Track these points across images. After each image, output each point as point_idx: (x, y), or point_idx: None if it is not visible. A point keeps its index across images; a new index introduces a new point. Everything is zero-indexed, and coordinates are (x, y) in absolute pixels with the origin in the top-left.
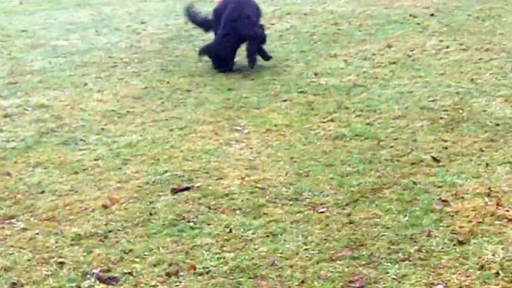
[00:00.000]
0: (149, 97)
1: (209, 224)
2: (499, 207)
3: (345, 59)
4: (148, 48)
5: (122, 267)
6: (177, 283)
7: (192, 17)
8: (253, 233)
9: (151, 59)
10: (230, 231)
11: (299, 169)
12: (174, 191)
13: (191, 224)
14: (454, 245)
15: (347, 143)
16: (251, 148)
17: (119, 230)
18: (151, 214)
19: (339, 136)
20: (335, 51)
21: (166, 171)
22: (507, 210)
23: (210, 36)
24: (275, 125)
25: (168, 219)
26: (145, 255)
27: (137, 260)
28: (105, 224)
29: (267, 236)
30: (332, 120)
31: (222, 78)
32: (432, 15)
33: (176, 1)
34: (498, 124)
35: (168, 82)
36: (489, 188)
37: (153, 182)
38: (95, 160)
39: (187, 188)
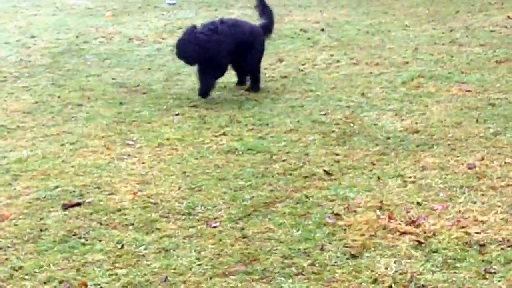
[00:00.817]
0: (40, 112)
1: (100, 240)
2: (391, 220)
3: None
4: (39, 62)
5: (12, 285)
6: None
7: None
8: (146, 249)
9: (42, 73)
10: (122, 247)
11: (191, 184)
12: (65, 207)
13: (83, 240)
14: (347, 258)
15: (240, 157)
16: (143, 163)
17: (8, 247)
18: (41, 230)
19: (231, 150)
20: None
21: (57, 187)
22: (399, 223)
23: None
24: (167, 139)
25: (59, 235)
26: (35, 272)
27: (27, 277)
28: None
29: (160, 251)
30: (224, 134)
31: (113, 93)
32: (322, 30)
33: (67, 15)
34: (388, 138)
35: (58, 97)
36: (381, 202)
37: (44, 197)
38: None
39: (78, 204)
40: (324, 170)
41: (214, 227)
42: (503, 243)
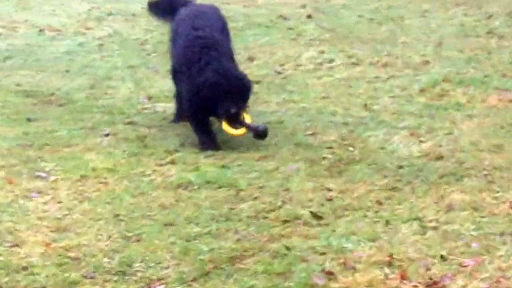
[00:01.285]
0: None
1: None
2: (405, 281)
3: None
4: None
5: None
6: None
7: None
8: None
9: None
10: None
11: (127, 231)
12: None
13: None
14: None
15: (195, 194)
16: (59, 202)
17: None
18: None
19: (183, 183)
20: None
21: None
22: (415, 286)
23: None
24: (94, 170)
25: None
26: None
27: None
28: None
29: None
30: (173, 162)
31: (18, 105)
32: (309, 16)
33: None
34: (401, 167)
35: None
36: (390, 255)
37: None
38: None
39: None
40: (311, 212)
41: None
42: None
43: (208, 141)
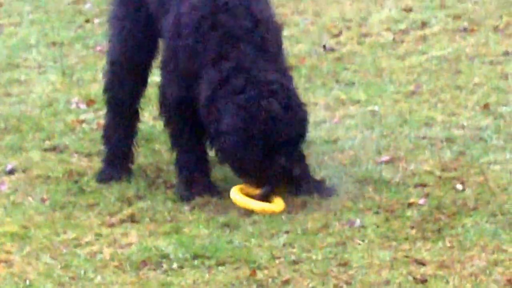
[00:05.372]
0: None
1: None
2: None
3: None
4: None
5: None
6: None
7: None
8: None
9: None
10: None
11: None
12: None
13: None
14: None
15: (173, 277)
16: None
17: None
18: None
19: (152, 259)
20: None
21: None
22: None
23: None
24: None
25: None
26: None
27: None
28: None
29: None
30: (133, 220)
31: None
32: None
33: None
34: None
35: None
36: None
37: None
38: None
39: None
40: None
41: None
42: None
43: (200, 177)
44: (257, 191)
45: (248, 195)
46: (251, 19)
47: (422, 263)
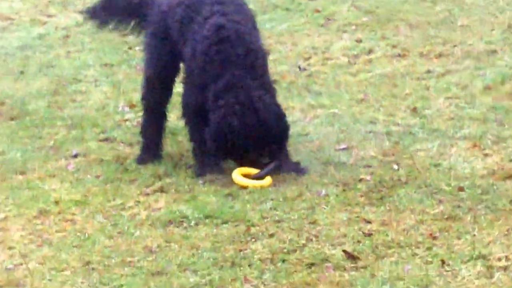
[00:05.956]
0: None
1: None
2: None
3: None
4: None
5: None
6: None
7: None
8: None
9: None
10: None
11: (101, 284)
12: None
13: None
14: None
15: (191, 232)
16: (10, 248)
17: None
18: None
19: (175, 219)
20: None
21: None
22: None
23: None
24: (56, 203)
25: None
26: None
27: None
28: None
29: None
30: (162, 191)
31: None
32: None
33: None
34: (461, 189)
35: None
36: None
37: None
38: None
39: None
40: (345, 252)
41: None
42: None
43: (211, 161)
44: (252, 174)
45: (245, 175)
46: (244, 48)
47: (369, 222)
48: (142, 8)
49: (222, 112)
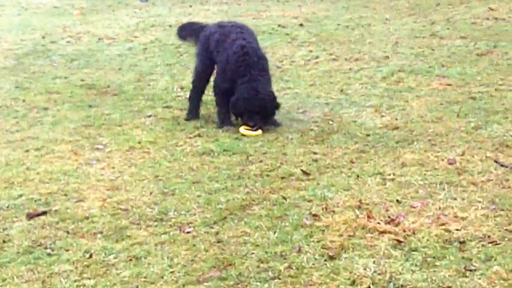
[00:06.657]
0: (3, 117)
1: (67, 250)
2: (370, 220)
3: None
4: (2, 65)
5: None
6: None
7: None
8: (115, 257)
9: (5, 76)
10: (91, 256)
11: (164, 188)
12: (30, 216)
13: (48, 250)
14: (325, 260)
15: (215, 159)
16: (113, 168)
17: None
18: (4, 241)
19: (206, 151)
20: None
21: (21, 195)
22: (378, 223)
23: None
24: (139, 143)
25: (23, 246)
26: None
27: None
28: None
29: (130, 260)
30: (199, 135)
31: (82, 95)
32: (301, 25)
33: (32, 14)
34: (368, 135)
35: (23, 100)
36: (360, 201)
37: (7, 207)
38: None
39: (43, 213)
40: (302, 170)
41: (188, 232)
42: (483, 240)
43: (226, 119)
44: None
45: (247, 129)
46: (256, 57)
47: (315, 153)
48: (201, 31)
49: (243, 91)
